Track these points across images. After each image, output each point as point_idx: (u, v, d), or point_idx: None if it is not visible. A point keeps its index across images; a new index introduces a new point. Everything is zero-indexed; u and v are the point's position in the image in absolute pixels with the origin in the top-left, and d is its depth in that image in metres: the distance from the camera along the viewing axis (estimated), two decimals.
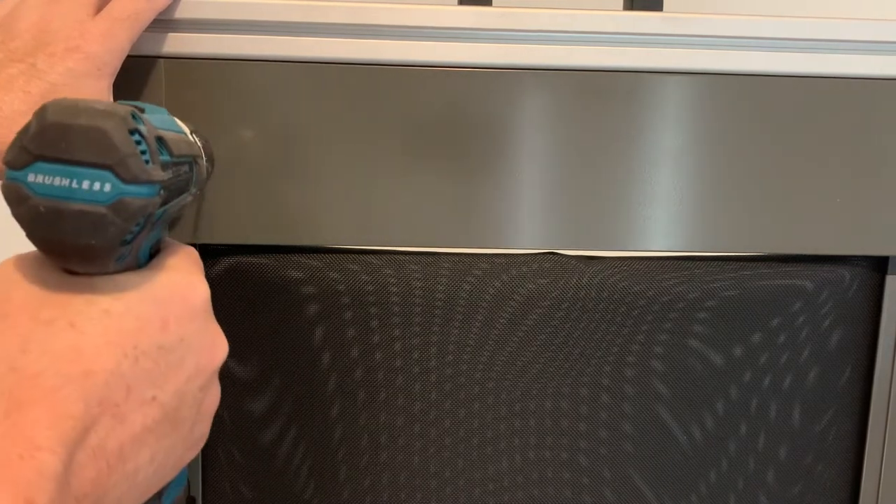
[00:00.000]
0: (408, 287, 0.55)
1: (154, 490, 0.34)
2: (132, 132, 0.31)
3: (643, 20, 0.51)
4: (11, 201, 0.30)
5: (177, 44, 0.50)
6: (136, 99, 0.50)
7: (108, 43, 0.45)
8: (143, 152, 0.31)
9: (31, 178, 0.30)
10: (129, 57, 0.48)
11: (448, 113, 0.52)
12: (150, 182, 0.31)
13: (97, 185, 0.30)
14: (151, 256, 0.37)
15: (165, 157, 0.33)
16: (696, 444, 0.59)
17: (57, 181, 0.29)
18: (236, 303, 0.54)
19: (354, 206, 0.53)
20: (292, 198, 0.52)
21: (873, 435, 0.60)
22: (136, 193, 0.30)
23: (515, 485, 0.59)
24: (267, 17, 0.50)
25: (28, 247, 0.35)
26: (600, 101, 0.52)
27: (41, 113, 0.30)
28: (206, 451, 0.58)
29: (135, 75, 0.50)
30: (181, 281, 0.35)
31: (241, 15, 0.49)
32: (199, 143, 0.41)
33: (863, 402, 0.60)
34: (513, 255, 0.56)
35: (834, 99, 0.53)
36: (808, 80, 0.53)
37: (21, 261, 0.33)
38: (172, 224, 0.38)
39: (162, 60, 0.50)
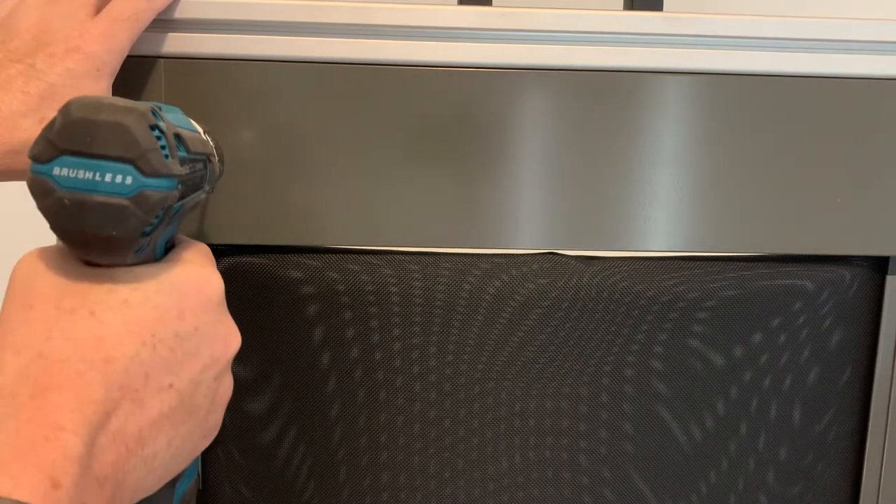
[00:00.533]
0: (408, 287, 0.55)
1: (170, 476, 0.35)
2: (153, 128, 0.32)
3: (643, 20, 0.51)
4: (37, 194, 0.31)
5: (177, 44, 0.50)
6: (135, 97, 0.50)
7: (108, 43, 0.45)
8: (162, 147, 0.32)
9: (56, 171, 0.31)
10: (129, 57, 0.48)
11: (449, 113, 0.52)
12: (169, 176, 0.32)
13: (119, 178, 0.31)
14: (167, 251, 0.38)
15: (183, 154, 0.35)
16: (696, 444, 0.59)
17: (81, 174, 0.31)
18: (236, 303, 0.54)
19: (354, 206, 0.53)
20: (292, 198, 0.52)
21: (874, 435, 0.60)
22: (157, 186, 0.32)
23: (515, 485, 0.59)
24: (267, 16, 0.50)
25: (32, 244, 0.36)
26: (600, 101, 0.52)
27: (66, 109, 0.31)
28: (206, 450, 0.57)
29: (135, 75, 0.50)
30: (197, 273, 0.37)
31: (241, 15, 0.49)
32: (211, 143, 0.42)
33: (863, 402, 0.60)
34: (513, 255, 0.56)
35: (835, 99, 0.53)
36: (809, 79, 0.53)
37: (43, 252, 0.34)
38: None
39: (162, 60, 0.50)
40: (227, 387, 0.39)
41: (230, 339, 0.38)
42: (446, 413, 0.57)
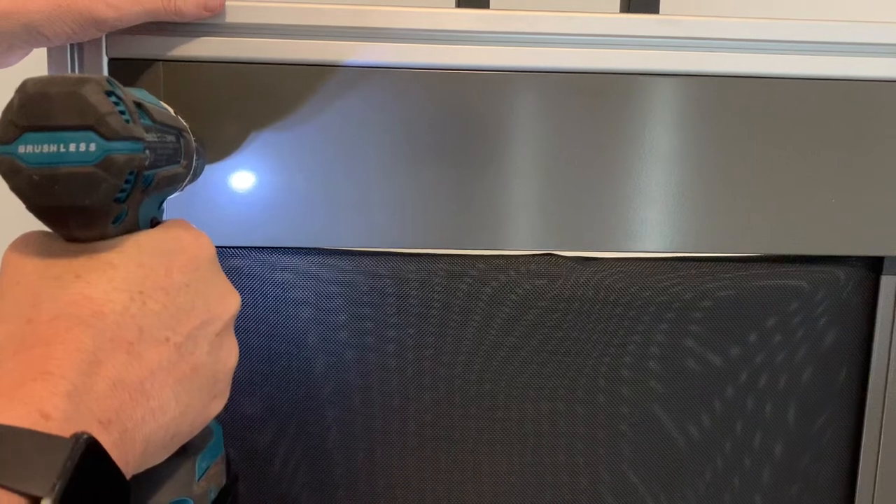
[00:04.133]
0: (404, 288, 0.55)
1: (183, 435, 0.36)
2: (108, 94, 0.32)
3: (640, 23, 0.51)
4: (6, 175, 0.32)
5: (175, 46, 0.50)
6: None
7: None
8: (122, 112, 0.32)
9: (21, 149, 0.31)
10: (128, 59, 0.48)
11: (445, 115, 0.52)
12: (132, 138, 0.32)
13: (83, 147, 0.31)
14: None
15: (146, 121, 0.35)
16: (693, 444, 0.59)
17: (45, 148, 0.31)
18: None
19: (351, 207, 0.53)
20: (288, 199, 0.52)
21: (869, 434, 0.60)
22: (121, 150, 0.32)
23: (512, 487, 0.59)
24: (265, 19, 0.50)
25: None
26: (597, 103, 0.52)
27: (22, 88, 0.32)
28: None
29: (134, 77, 0.50)
30: (183, 235, 0.37)
31: (238, 18, 0.49)
32: (184, 122, 0.42)
33: (858, 401, 0.60)
34: (510, 256, 0.56)
35: (829, 101, 0.54)
36: (804, 81, 0.53)
37: (28, 236, 0.35)
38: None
39: (160, 63, 0.50)
40: (230, 347, 0.39)
41: (228, 296, 0.38)
42: (443, 415, 0.58)
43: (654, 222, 0.54)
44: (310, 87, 0.51)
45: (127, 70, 0.49)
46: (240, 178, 0.52)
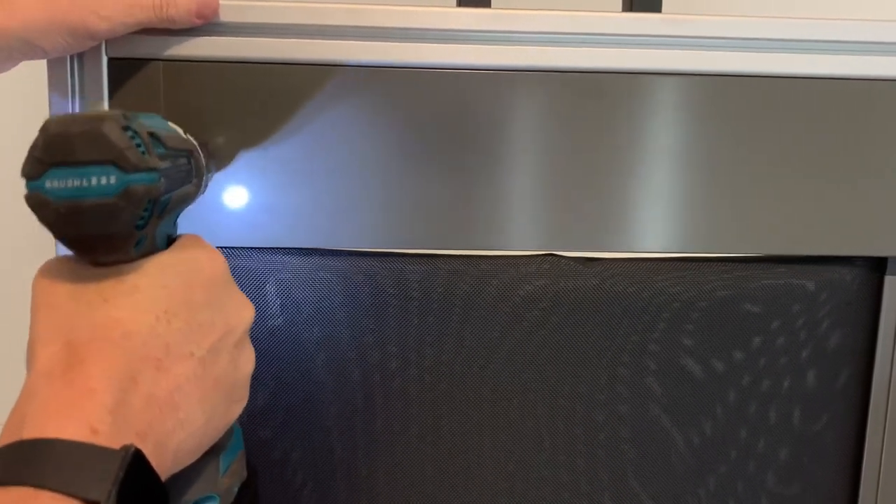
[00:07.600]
0: (405, 289, 0.55)
1: (209, 441, 0.39)
2: (125, 129, 0.35)
3: (642, 21, 0.51)
4: (35, 208, 0.34)
5: (175, 46, 0.50)
6: (134, 98, 0.50)
7: None
8: (138, 145, 0.35)
9: (47, 184, 0.34)
10: (128, 59, 0.48)
11: (446, 114, 0.52)
12: (149, 169, 0.35)
13: (104, 180, 0.34)
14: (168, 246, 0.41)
15: (161, 150, 0.37)
16: (694, 445, 0.59)
17: (70, 183, 0.34)
18: None
19: (351, 207, 0.53)
20: (288, 199, 0.52)
21: (872, 436, 0.60)
22: (139, 180, 0.34)
23: (512, 488, 0.59)
24: (265, 19, 0.50)
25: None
26: (598, 103, 0.52)
27: (45, 128, 0.34)
28: None
29: (134, 77, 0.50)
30: (199, 254, 0.40)
31: (238, 17, 0.50)
32: (193, 141, 0.44)
33: (862, 402, 0.60)
34: (511, 256, 0.56)
35: (833, 100, 0.53)
36: (807, 80, 0.53)
37: (55, 262, 0.38)
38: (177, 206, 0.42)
39: (161, 63, 0.50)
40: (248, 356, 0.41)
41: (243, 309, 0.41)
42: (444, 415, 0.57)
43: (656, 222, 0.54)
44: (310, 86, 0.51)
45: (127, 70, 0.49)
46: (239, 178, 0.52)
